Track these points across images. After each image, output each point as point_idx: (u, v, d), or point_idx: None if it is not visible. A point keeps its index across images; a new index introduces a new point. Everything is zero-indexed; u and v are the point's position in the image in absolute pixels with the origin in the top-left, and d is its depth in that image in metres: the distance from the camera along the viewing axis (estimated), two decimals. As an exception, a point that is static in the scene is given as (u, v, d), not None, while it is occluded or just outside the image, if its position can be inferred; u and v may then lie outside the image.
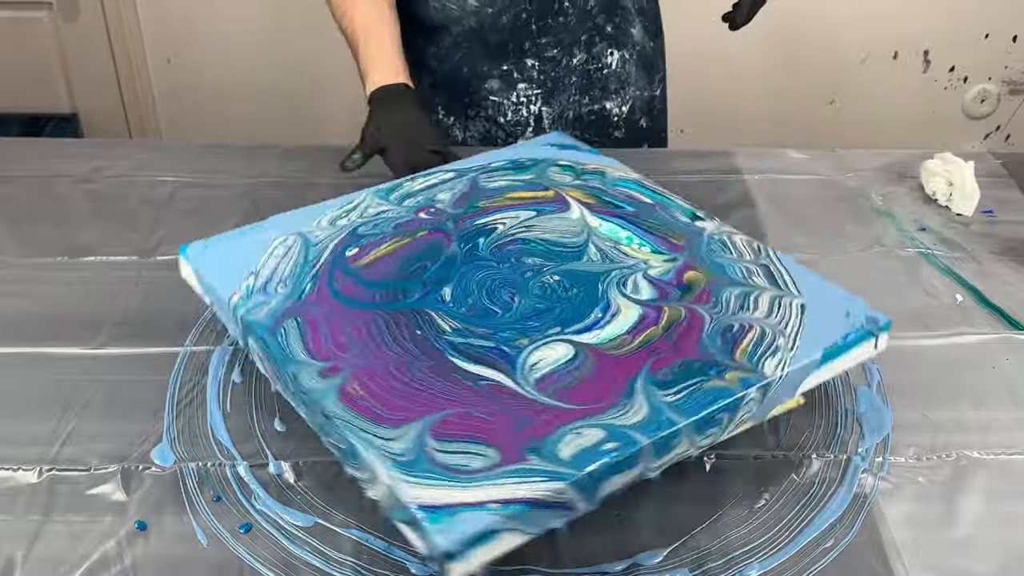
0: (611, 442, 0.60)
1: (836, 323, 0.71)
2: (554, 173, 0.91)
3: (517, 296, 0.74)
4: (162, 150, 1.17)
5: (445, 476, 0.58)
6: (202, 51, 2.18)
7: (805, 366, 0.68)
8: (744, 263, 0.78)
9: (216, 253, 0.79)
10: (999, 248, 1.00)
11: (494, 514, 0.56)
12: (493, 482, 0.58)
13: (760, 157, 1.15)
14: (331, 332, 0.69)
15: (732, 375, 0.66)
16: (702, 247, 0.80)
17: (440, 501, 0.56)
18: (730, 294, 0.74)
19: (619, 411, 0.63)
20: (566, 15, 1.14)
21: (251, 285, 0.74)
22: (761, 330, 0.70)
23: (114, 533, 0.66)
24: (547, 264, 0.77)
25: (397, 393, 0.64)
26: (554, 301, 0.73)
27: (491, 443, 0.60)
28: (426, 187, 0.89)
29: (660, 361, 0.67)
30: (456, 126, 1.22)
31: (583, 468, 0.59)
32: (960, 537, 0.68)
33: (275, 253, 0.78)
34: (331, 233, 0.81)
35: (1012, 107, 2.28)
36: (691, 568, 0.65)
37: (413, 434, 0.61)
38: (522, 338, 0.69)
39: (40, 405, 0.76)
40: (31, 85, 2.18)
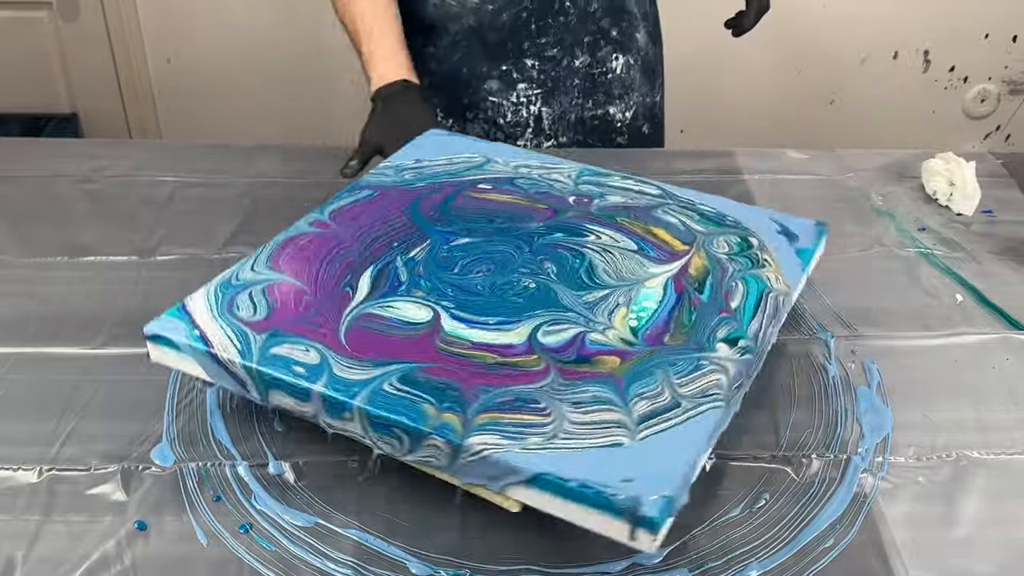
0: (302, 368, 0.66)
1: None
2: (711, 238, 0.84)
3: (495, 278, 0.77)
4: (162, 150, 1.17)
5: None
6: (202, 51, 2.18)
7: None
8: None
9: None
10: (999, 248, 1.00)
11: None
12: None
13: (760, 157, 1.15)
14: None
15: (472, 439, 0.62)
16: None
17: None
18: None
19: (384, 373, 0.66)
20: (567, 14, 1.14)
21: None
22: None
23: (114, 533, 0.66)
24: (555, 276, 0.77)
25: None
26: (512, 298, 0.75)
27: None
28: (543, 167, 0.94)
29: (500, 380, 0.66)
30: (454, 128, 1.22)
31: (268, 365, 0.67)
32: (960, 537, 0.68)
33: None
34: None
35: (1012, 107, 2.29)
36: (691, 568, 0.65)
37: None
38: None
39: (40, 405, 0.76)
40: (31, 85, 2.18)
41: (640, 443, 0.61)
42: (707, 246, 0.81)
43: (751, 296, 0.75)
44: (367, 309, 0.73)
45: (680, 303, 0.74)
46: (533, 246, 0.80)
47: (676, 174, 1.10)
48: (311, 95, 2.21)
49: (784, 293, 0.76)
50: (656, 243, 0.81)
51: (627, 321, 0.72)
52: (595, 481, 0.58)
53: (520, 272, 0.77)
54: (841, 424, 0.77)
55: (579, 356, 0.68)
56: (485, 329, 0.71)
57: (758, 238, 0.82)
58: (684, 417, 0.64)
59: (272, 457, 0.72)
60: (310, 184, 1.07)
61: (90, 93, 2.21)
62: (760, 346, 0.72)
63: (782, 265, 0.79)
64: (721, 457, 0.73)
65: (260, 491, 0.69)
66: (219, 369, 0.69)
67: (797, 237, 0.83)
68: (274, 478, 0.70)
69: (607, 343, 0.70)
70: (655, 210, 0.86)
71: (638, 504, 0.57)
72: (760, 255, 0.80)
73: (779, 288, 0.77)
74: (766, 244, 0.82)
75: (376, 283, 0.76)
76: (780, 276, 0.78)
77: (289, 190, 1.06)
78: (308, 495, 0.69)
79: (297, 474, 0.71)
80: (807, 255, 0.82)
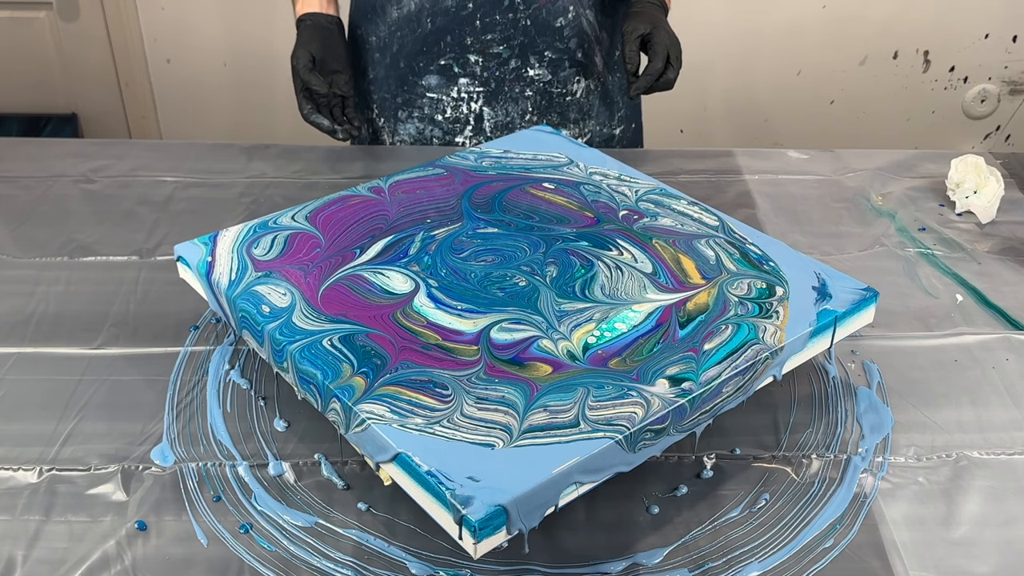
0: (267, 308, 0.73)
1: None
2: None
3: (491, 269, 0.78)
4: (162, 150, 1.17)
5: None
6: (202, 51, 2.18)
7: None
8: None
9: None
10: (999, 248, 1.00)
11: None
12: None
13: (760, 157, 1.15)
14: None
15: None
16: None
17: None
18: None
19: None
20: (515, 11, 1.11)
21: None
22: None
23: (114, 533, 0.66)
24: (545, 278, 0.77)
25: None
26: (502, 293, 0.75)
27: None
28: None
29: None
30: (385, 130, 1.20)
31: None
32: (960, 537, 0.68)
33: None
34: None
35: (1012, 107, 2.28)
36: (691, 568, 0.65)
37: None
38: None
39: (40, 405, 0.76)
40: (31, 85, 2.18)
41: (512, 450, 0.61)
42: (725, 285, 0.76)
43: (732, 343, 0.70)
44: (359, 271, 0.77)
45: (653, 332, 0.71)
46: (550, 248, 0.80)
47: (676, 174, 1.10)
48: (311, 95, 2.21)
49: (772, 349, 0.70)
50: (674, 271, 0.78)
51: (586, 337, 0.70)
52: (443, 472, 0.59)
53: (520, 269, 0.77)
54: (841, 424, 0.77)
55: (515, 358, 0.69)
56: (449, 312, 0.73)
57: (786, 288, 0.76)
58: (573, 438, 0.62)
59: (272, 457, 0.72)
60: (310, 184, 1.07)
61: (90, 93, 2.21)
62: (708, 393, 0.67)
63: (792, 321, 0.73)
64: (721, 457, 0.73)
65: (260, 491, 0.69)
66: (212, 296, 0.77)
67: (831, 297, 0.75)
68: (274, 478, 0.70)
69: (550, 352, 0.69)
70: (698, 240, 0.82)
71: (466, 504, 0.57)
72: (774, 306, 0.74)
73: (768, 344, 0.70)
74: (790, 296, 0.75)
75: (386, 250, 0.79)
76: (780, 332, 0.72)
77: (289, 190, 1.06)
78: (308, 495, 0.69)
79: (297, 474, 0.71)
80: (829, 317, 0.74)
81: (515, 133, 1.02)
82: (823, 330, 0.74)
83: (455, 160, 0.94)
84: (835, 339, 0.75)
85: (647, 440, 0.64)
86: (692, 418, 0.67)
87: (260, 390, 0.78)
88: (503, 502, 0.57)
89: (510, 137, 1.01)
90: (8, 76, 2.15)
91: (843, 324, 0.75)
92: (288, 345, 0.69)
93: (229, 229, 0.82)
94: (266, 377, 0.79)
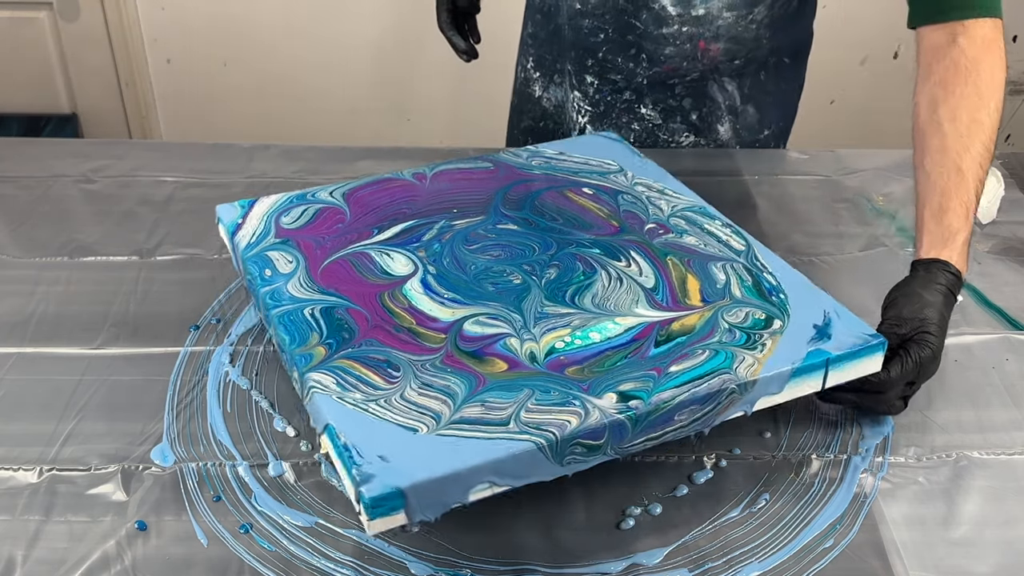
0: (269, 272, 0.77)
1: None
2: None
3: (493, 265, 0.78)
4: (162, 150, 1.17)
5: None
6: (202, 51, 2.18)
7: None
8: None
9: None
10: (999, 248, 1.00)
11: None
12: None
13: (760, 157, 1.15)
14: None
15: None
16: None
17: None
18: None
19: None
20: (637, 62, 1.09)
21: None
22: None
23: (114, 533, 0.66)
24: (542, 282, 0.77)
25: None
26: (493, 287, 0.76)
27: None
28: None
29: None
30: (538, 82, 1.21)
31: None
32: (960, 537, 0.68)
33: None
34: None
35: (1012, 107, 2.28)
36: (691, 568, 0.65)
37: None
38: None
39: (40, 405, 0.76)
40: (31, 85, 2.18)
41: (433, 437, 0.61)
42: (722, 310, 0.73)
43: (701, 368, 0.66)
44: (368, 249, 0.80)
45: (623, 347, 0.69)
46: (560, 251, 0.80)
47: (677, 174, 1.10)
48: (311, 95, 2.21)
49: (741, 382, 0.66)
50: (674, 290, 0.75)
51: (554, 342, 0.69)
52: (357, 447, 0.60)
53: (521, 267, 0.77)
54: (841, 424, 0.77)
55: (477, 351, 0.69)
56: (434, 300, 0.74)
57: (784, 322, 0.71)
58: (498, 436, 0.61)
59: (272, 457, 0.72)
60: (310, 184, 1.07)
61: (90, 93, 2.21)
62: (655, 417, 0.63)
63: (775, 356, 0.68)
64: (721, 457, 0.73)
65: (260, 491, 0.69)
66: (234, 256, 0.83)
67: (829, 338, 0.70)
68: (274, 478, 0.70)
69: (513, 351, 0.69)
70: (715, 262, 0.79)
71: (365, 482, 0.58)
72: (763, 337, 0.70)
73: (740, 375, 0.66)
74: (786, 331, 0.71)
75: (402, 233, 0.82)
76: (758, 365, 0.67)
77: (289, 190, 1.06)
78: (308, 495, 0.69)
79: (297, 474, 0.71)
80: (819, 358, 0.68)
81: (580, 137, 1.02)
82: (811, 371, 0.68)
83: (506, 156, 0.95)
84: (828, 383, 0.70)
85: (577, 454, 0.62)
86: (635, 441, 0.64)
87: (260, 390, 0.78)
88: (402, 486, 0.57)
89: (571, 140, 1.01)
90: (8, 76, 2.15)
91: (839, 368, 0.69)
92: (272, 309, 0.73)
93: (269, 196, 0.87)
94: (266, 377, 0.79)
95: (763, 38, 1.08)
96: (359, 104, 2.21)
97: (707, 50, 1.07)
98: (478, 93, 1.97)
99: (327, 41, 2.12)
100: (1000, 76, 0.84)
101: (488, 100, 1.67)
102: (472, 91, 2.08)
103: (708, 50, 1.07)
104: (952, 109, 0.83)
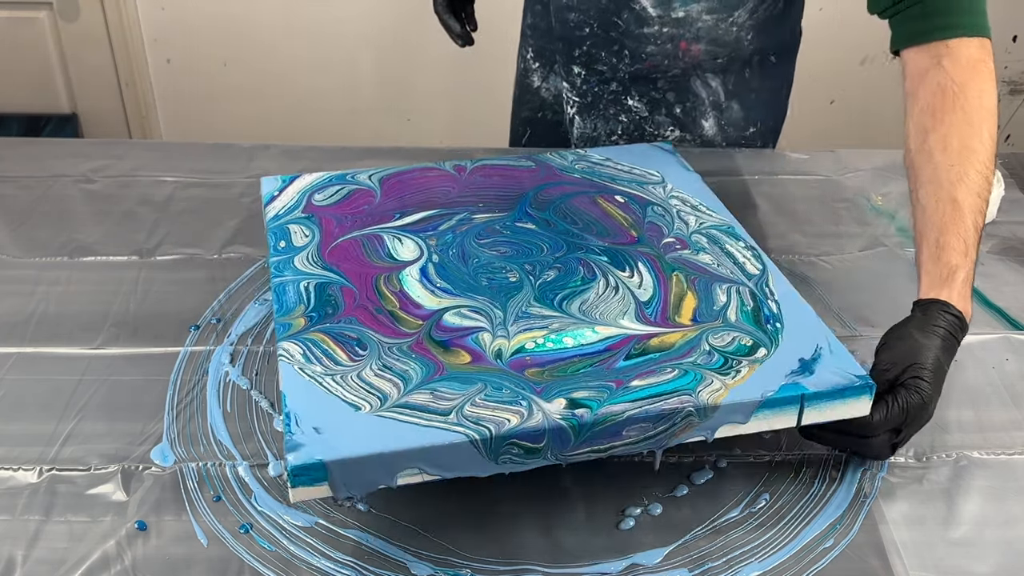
0: (284, 243, 0.81)
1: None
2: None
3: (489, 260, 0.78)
4: (162, 150, 1.17)
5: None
6: (202, 51, 2.18)
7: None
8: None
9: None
10: (999, 248, 1.00)
11: None
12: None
13: (760, 157, 1.15)
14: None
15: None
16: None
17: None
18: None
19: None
20: (621, 58, 1.10)
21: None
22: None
23: (114, 533, 0.66)
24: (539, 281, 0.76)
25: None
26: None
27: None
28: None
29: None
30: (537, 72, 1.22)
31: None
32: (960, 537, 0.68)
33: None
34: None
35: (1012, 107, 2.28)
36: (691, 568, 0.65)
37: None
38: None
39: (40, 405, 0.76)
40: (31, 85, 2.18)
41: (372, 417, 0.62)
42: (709, 333, 0.70)
43: (664, 386, 0.64)
44: (382, 233, 0.81)
45: (591, 356, 0.67)
46: (568, 254, 0.79)
47: (676, 174, 1.10)
48: (311, 95, 2.21)
49: (700, 407, 0.63)
50: (667, 307, 0.73)
51: (525, 342, 0.69)
52: (298, 416, 0.61)
53: (522, 266, 0.77)
54: (841, 424, 0.77)
55: (446, 340, 0.69)
56: (425, 288, 0.75)
57: (769, 351, 0.69)
58: (434, 425, 0.61)
59: (272, 457, 0.72)
60: (310, 184, 1.07)
61: (90, 93, 2.21)
62: (600, 429, 0.62)
63: (745, 387, 0.65)
64: (721, 457, 0.73)
65: (260, 491, 0.69)
66: (267, 221, 0.84)
67: (811, 374, 0.67)
68: (274, 478, 0.70)
69: (481, 346, 0.69)
70: (720, 283, 0.76)
71: (292, 450, 0.59)
72: (740, 364, 0.67)
73: (701, 400, 0.63)
74: (767, 360, 0.68)
75: (421, 221, 0.83)
76: (724, 391, 0.64)
77: (289, 190, 1.06)
78: (308, 495, 0.69)
79: (297, 474, 0.71)
80: (795, 392, 0.65)
81: (631, 145, 1.01)
82: (783, 404, 0.65)
83: (551, 157, 0.95)
84: (805, 420, 0.66)
85: (514, 455, 0.62)
86: (578, 450, 0.63)
87: (260, 390, 0.78)
88: (325, 459, 0.58)
89: (621, 148, 0.99)
90: (8, 76, 2.15)
91: (817, 406, 0.66)
92: (274, 278, 0.76)
93: (310, 174, 0.90)
94: (266, 377, 0.79)
95: (744, 40, 1.08)
96: (359, 104, 2.21)
97: (688, 50, 1.08)
98: (478, 93, 1.97)
99: (327, 41, 2.12)
100: (991, 101, 0.82)
101: (488, 100, 1.67)
102: (472, 91, 2.08)
103: (690, 50, 1.08)
104: (942, 138, 0.81)
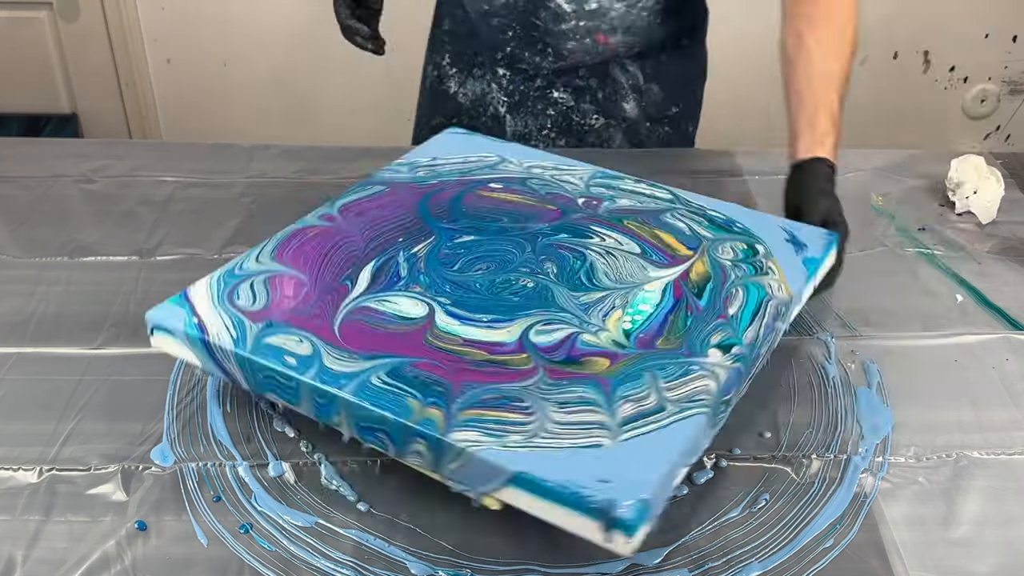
0: (292, 359, 0.67)
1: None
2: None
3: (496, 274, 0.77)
4: (162, 150, 1.17)
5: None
6: (202, 51, 2.18)
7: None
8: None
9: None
10: (999, 248, 1.00)
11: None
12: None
13: (760, 157, 1.15)
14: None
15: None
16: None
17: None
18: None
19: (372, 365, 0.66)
20: (544, 56, 1.12)
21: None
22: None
23: (114, 533, 0.66)
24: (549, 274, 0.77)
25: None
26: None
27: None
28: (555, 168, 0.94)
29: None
30: (454, 78, 1.22)
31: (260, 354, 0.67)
32: (960, 537, 0.68)
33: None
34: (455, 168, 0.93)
35: (1012, 107, 2.29)
36: (691, 568, 0.65)
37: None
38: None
39: (40, 405, 0.76)
40: (31, 85, 2.18)
41: (620, 445, 0.61)
42: (712, 252, 0.79)
43: (750, 303, 0.74)
44: (364, 303, 0.73)
45: (677, 308, 0.73)
46: (536, 246, 0.80)
47: (677, 175, 1.10)
48: (311, 95, 2.21)
49: (785, 302, 0.75)
50: (660, 247, 0.80)
51: (621, 324, 0.71)
52: (572, 481, 0.58)
53: (520, 271, 0.77)
54: (841, 424, 0.77)
55: (568, 357, 0.68)
56: (477, 326, 0.71)
57: (764, 246, 0.81)
58: (668, 421, 0.62)
59: (272, 457, 0.72)
60: (310, 184, 1.07)
61: (90, 93, 2.21)
62: (755, 354, 0.70)
63: (787, 274, 0.78)
64: (721, 457, 0.73)
65: (260, 491, 0.69)
66: (214, 358, 0.69)
67: (805, 246, 0.81)
68: (274, 478, 0.70)
69: (598, 345, 0.69)
70: (663, 214, 0.85)
71: (613, 506, 0.57)
72: (764, 263, 0.79)
73: (780, 297, 0.75)
74: (772, 252, 0.80)
75: (376, 277, 0.76)
76: (784, 285, 0.76)
77: (289, 190, 1.06)
78: (308, 495, 0.69)
79: (297, 474, 0.71)
80: (813, 264, 0.80)
81: (432, 139, 0.99)
82: (812, 278, 0.79)
83: (390, 175, 0.91)
84: (814, 282, 0.80)
85: (722, 412, 0.66)
86: (743, 386, 0.69)
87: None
88: (646, 496, 0.57)
89: (429, 143, 0.98)
90: (8, 76, 2.16)
91: (819, 268, 0.80)
92: (337, 389, 0.64)
93: (196, 284, 0.74)
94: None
95: (655, 23, 1.12)
96: (359, 104, 2.21)
97: (607, 43, 1.11)
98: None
99: (327, 41, 2.11)
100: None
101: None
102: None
103: (608, 43, 1.11)
104: (818, 36, 0.97)
